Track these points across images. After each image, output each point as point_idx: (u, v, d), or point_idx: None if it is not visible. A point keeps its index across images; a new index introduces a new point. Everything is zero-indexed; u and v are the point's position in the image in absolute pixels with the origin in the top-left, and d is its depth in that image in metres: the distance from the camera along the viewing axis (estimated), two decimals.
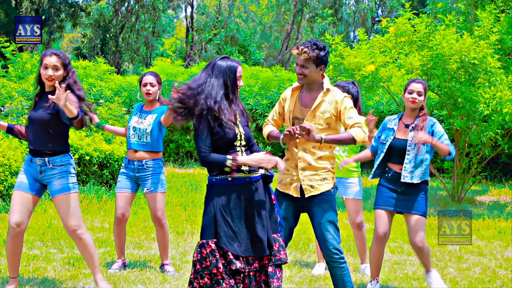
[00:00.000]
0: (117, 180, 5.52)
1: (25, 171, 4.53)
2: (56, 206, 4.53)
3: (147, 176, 5.41)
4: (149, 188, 5.40)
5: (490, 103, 9.22)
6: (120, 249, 5.53)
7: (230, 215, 3.58)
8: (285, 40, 31.71)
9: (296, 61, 4.07)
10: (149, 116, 5.46)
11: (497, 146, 11.88)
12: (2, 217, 7.61)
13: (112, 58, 30.17)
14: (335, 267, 4.08)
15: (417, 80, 4.95)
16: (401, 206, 4.89)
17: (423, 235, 4.85)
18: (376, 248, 4.96)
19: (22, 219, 4.46)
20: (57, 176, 4.47)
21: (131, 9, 31.21)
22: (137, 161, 5.40)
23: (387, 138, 4.97)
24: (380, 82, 9.78)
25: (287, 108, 4.17)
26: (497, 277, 5.68)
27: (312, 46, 3.99)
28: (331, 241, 4.05)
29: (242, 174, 3.63)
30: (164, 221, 5.47)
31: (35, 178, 4.51)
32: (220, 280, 3.51)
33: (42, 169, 4.47)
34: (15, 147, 8.38)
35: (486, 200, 11.20)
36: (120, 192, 5.45)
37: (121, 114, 11.55)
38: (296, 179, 4.10)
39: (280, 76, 16.67)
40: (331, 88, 4.14)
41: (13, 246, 4.53)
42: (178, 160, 16.05)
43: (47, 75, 4.42)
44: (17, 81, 15.06)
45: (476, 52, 9.10)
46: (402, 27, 9.80)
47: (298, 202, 4.13)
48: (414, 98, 4.88)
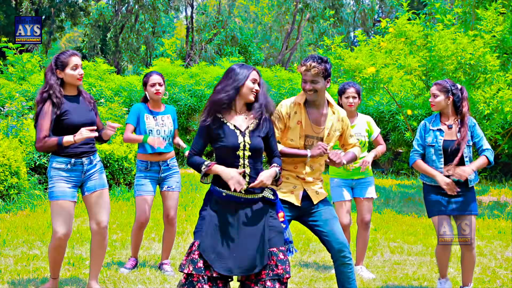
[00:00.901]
0: (138, 183, 5.41)
1: (65, 179, 4.43)
2: (93, 200, 4.51)
3: (172, 175, 5.49)
4: (170, 186, 5.47)
5: (490, 103, 9.22)
6: (137, 249, 5.59)
7: (221, 229, 3.57)
8: (285, 40, 31.71)
9: (305, 78, 4.01)
10: (165, 117, 5.48)
11: (497, 146, 11.88)
12: (2, 217, 7.61)
13: (112, 58, 30.17)
14: (342, 264, 4.06)
15: (435, 83, 4.93)
16: (458, 209, 4.83)
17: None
18: (441, 252, 4.92)
19: (69, 230, 4.46)
20: (98, 171, 4.58)
21: (131, 9, 31.21)
22: (162, 161, 5.42)
23: (436, 139, 4.87)
24: (380, 84, 9.79)
25: (294, 124, 4.07)
26: (497, 277, 5.68)
27: (318, 60, 3.98)
28: (341, 236, 4.04)
29: (236, 193, 3.60)
30: (175, 221, 5.54)
31: (76, 184, 4.49)
32: (194, 282, 3.49)
33: (87, 168, 4.50)
34: (15, 147, 8.38)
35: (486, 200, 11.20)
36: (146, 195, 5.39)
37: (121, 114, 11.55)
38: (298, 187, 4.09)
39: (280, 76, 16.67)
40: (330, 102, 4.17)
41: (59, 254, 4.56)
42: (178, 160, 16.06)
43: (79, 75, 4.47)
44: (17, 82, 15.06)
45: (472, 53, 9.10)
46: (401, 28, 9.81)
47: (296, 210, 4.10)
48: (431, 101, 4.94)
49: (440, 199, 4.85)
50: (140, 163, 5.42)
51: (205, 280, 3.48)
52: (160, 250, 6.31)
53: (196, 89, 15.95)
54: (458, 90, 4.91)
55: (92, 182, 4.52)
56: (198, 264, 3.51)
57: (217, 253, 3.52)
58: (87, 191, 4.52)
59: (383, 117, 14.96)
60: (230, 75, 3.68)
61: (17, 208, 8.04)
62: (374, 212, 9.40)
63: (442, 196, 4.85)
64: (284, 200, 4.06)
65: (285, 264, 3.60)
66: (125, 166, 9.95)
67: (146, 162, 5.40)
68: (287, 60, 31.51)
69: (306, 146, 4.08)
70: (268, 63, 31.45)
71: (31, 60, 15.64)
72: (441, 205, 4.84)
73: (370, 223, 5.70)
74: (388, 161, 15.58)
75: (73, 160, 4.43)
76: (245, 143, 3.61)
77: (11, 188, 8.07)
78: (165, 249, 5.56)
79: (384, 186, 12.74)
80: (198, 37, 30.82)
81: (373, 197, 5.68)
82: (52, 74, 4.44)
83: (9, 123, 9.55)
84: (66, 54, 4.49)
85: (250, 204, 3.63)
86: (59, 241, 4.43)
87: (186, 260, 3.56)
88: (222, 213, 3.60)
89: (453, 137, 4.84)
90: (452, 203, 4.83)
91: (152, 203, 5.48)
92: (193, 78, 16.55)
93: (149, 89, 5.45)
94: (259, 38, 34.10)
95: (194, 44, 30.40)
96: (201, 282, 3.48)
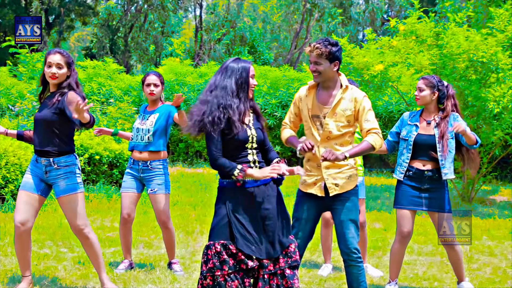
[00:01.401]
0: (123, 180, 5.53)
1: (30, 171, 4.53)
2: (61, 206, 4.53)
3: (152, 177, 5.39)
4: (152, 189, 5.38)
5: (500, 101, 9.17)
6: (127, 249, 5.53)
7: (243, 217, 3.57)
8: (294, 39, 31.69)
9: (310, 59, 4.05)
10: (151, 116, 5.44)
11: (507, 146, 11.82)
12: (13, 216, 7.64)
13: (121, 57, 30.25)
14: (352, 266, 4.06)
15: (421, 77, 4.97)
16: (427, 204, 4.84)
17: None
18: (399, 248, 4.92)
19: (27, 218, 4.47)
20: (62, 177, 4.47)
21: (140, 8, 31.28)
22: (142, 162, 5.38)
23: (409, 134, 4.91)
24: (389, 82, 9.76)
25: (304, 106, 4.13)
26: (508, 277, 5.66)
27: (324, 42, 3.99)
28: (351, 240, 4.03)
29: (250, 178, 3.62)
30: (169, 223, 5.44)
31: (41, 178, 4.52)
32: (222, 282, 3.49)
33: (47, 169, 4.46)
34: (26, 146, 8.42)
35: (496, 200, 11.15)
36: (126, 192, 5.44)
37: (130, 113, 11.59)
38: (320, 178, 4.08)
39: (288, 75, 16.66)
40: (350, 85, 4.12)
41: (20, 245, 4.56)
42: (188, 160, 16.08)
43: (50, 73, 4.43)
44: (28, 81, 15.14)
45: (484, 51, 9.05)
46: (411, 26, 9.78)
47: (322, 202, 4.11)
48: (416, 95, 4.95)
49: (411, 192, 4.85)
50: (129, 159, 5.55)
51: (232, 278, 3.50)
52: None
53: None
54: (444, 87, 4.94)
55: (56, 188, 4.51)
56: (231, 263, 3.51)
57: (253, 243, 3.54)
58: (56, 195, 4.55)
59: (393, 116, 14.91)
60: (231, 74, 3.64)
61: None
62: (383, 212, 9.39)
63: (411, 189, 4.86)
64: (308, 193, 4.11)
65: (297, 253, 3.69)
66: None
67: (131, 159, 5.49)
68: (296, 59, 31.48)
69: (315, 126, 4.08)
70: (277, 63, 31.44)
71: (41, 60, 15.72)
72: (409, 198, 4.84)
73: (365, 223, 5.66)
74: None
75: (36, 157, 4.52)
76: (253, 136, 3.66)
77: None
78: (168, 249, 5.56)
79: (393, 185, 12.70)
80: (207, 36, 30.85)
81: (361, 198, 5.58)
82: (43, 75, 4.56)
83: (20, 122, 9.60)
84: (50, 51, 4.52)
85: (265, 186, 3.65)
86: (17, 229, 4.49)
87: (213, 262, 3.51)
88: (240, 205, 3.59)
89: (430, 131, 4.86)
90: (422, 198, 4.84)
91: (136, 200, 5.45)
92: (202, 78, 16.57)
93: (145, 88, 5.49)
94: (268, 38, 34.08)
95: (203, 44, 30.43)
96: (229, 281, 3.49)
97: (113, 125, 10.93)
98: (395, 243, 4.95)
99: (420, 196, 4.85)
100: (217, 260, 3.50)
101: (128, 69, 29.27)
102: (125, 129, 10.67)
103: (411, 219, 4.88)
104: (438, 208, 4.84)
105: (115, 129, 5.74)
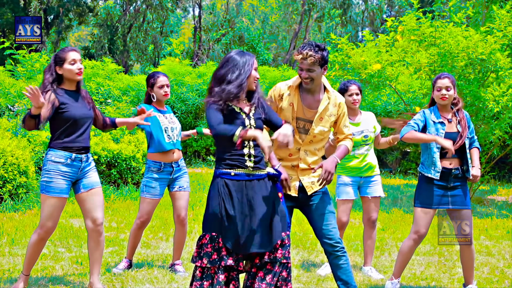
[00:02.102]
0: (148, 184, 5.34)
1: (63, 175, 4.43)
2: (88, 198, 4.52)
3: (182, 175, 5.48)
4: (182, 186, 5.45)
5: (500, 101, 9.18)
6: (133, 250, 5.54)
7: (232, 210, 3.60)
8: (293, 39, 31.69)
9: (301, 66, 4.00)
10: (172, 115, 5.49)
11: (505, 146, 11.83)
12: (11, 216, 7.65)
13: (120, 57, 30.24)
14: (337, 257, 4.07)
15: (443, 75, 4.89)
16: (452, 202, 4.82)
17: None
18: (411, 247, 4.88)
19: (55, 225, 4.52)
20: (93, 169, 4.60)
21: (138, 8, 31.27)
22: (175, 162, 5.40)
23: (438, 133, 4.83)
24: (386, 81, 9.76)
25: (288, 107, 4.08)
26: (506, 277, 5.66)
27: (315, 48, 3.95)
28: (334, 231, 4.06)
29: (245, 170, 3.66)
30: (186, 220, 5.52)
31: (71, 180, 4.49)
32: (212, 274, 3.55)
33: (84, 165, 4.52)
34: (24, 146, 8.42)
35: (494, 200, 11.16)
36: (154, 198, 5.36)
37: (129, 113, 11.58)
38: (295, 178, 4.10)
39: (287, 75, 16.66)
40: (330, 89, 4.14)
41: (41, 249, 4.58)
42: (186, 160, 16.08)
43: (77, 69, 4.51)
44: (26, 81, 15.13)
45: (483, 48, 9.06)
46: (409, 26, 9.78)
47: (295, 200, 4.12)
48: (443, 94, 4.84)
49: (438, 192, 4.82)
50: (153, 164, 5.33)
51: (221, 270, 3.55)
52: (167, 249, 6.33)
53: (204, 89, 15.97)
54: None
55: (87, 180, 4.54)
56: (212, 257, 3.56)
57: (236, 237, 3.56)
58: (83, 188, 4.52)
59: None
60: (234, 65, 3.68)
61: (25, 207, 8.08)
62: (382, 212, 9.38)
63: (439, 189, 4.82)
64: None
65: (286, 250, 3.68)
66: (133, 165, 9.97)
67: (159, 163, 5.32)
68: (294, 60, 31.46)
69: (298, 129, 4.08)
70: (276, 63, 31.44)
71: (39, 60, 15.71)
72: (437, 198, 4.81)
73: (376, 222, 5.68)
74: (396, 161, 15.55)
75: (73, 155, 4.45)
76: (251, 125, 3.69)
77: (19, 187, 8.11)
78: (176, 249, 5.55)
79: (392, 185, 12.71)
80: (206, 36, 30.85)
81: (380, 196, 5.67)
82: (50, 74, 4.50)
83: (18, 122, 9.60)
84: (64, 50, 4.54)
85: (258, 182, 3.67)
86: (46, 234, 4.47)
87: (198, 252, 3.60)
88: (231, 196, 3.62)
89: (453, 129, 4.86)
90: (449, 196, 4.82)
91: (156, 206, 5.48)
92: (201, 78, 16.57)
93: (158, 90, 5.41)
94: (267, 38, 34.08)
95: (202, 44, 30.43)
96: (218, 274, 3.55)
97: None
98: (408, 241, 4.88)
99: (447, 194, 4.82)
100: (201, 251, 3.58)
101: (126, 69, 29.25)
102: (124, 129, 10.66)
103: (431, 219, 4.86)
104: (462, 205, 4.83)
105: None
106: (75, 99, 4.53)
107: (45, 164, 4.46)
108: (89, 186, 4.54)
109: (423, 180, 4.87)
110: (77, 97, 4.57)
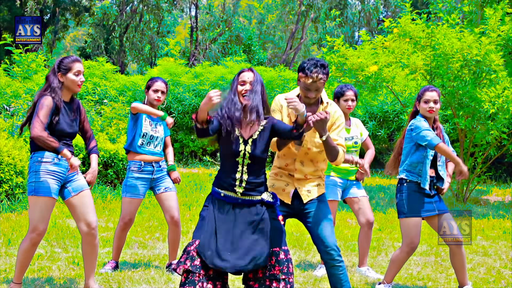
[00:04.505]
0: (128, 184, 5.37)
1: (52, 175, 4.39)
2: (80, 201, 4.47)
3: (165, 176, 5.47)
4: (168, 187, 5.44)
5: (496, 102, 9.20)
6: (119, 251, 5.53)
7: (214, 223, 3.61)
8: (289, 40, 31.70)
9: (309, 87, 3.93)
10: (158, 124, 5.48)
11: (502, 146, 11.86)
12: (7, 217, 7.63)
13: (117, 57, 30.20)
14: (334, 266, 4.04)
15: (431, 88, 4.89)
16: (438, 208, 4.85)
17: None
18: (404, 258, 4.89)
19: (47, 227, 4.45)
20: (79, 172, 4.54)
21: (135, 8, 31.24)
22: (155, 162, 5.41)
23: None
24: (383, 82, 9.78)
25: (286, 119, 4.06)
26: (502, 277, 5.67)
27: (321, 68, 3.90)
28: (330, 239, 4.02)
29: (233, 194, 3.64)
30: (180, 220, 5.52)
31: (60, 180, 4.44)
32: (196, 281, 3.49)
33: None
34: (20, 146, 8.40)
35: (491, 200, 11.18)
36: (134, 198, 5.38)
37: (125, 113, 11.57)
38: (290, 185, 4.08)
39: (284, 76, 16.65)
40: (329, 101, 4.13)
41: (32, 254, 4.51)
42: (183, 160, 16.07)
43: (80, 81, 4.48)
44: (22, 81, 15.11)
45: (478, 49, 9.09)
46: (405, 27, 9.80)
47: (289, 208, 4.09)
48: (431, 107, 4.83)
49: (425, 200, 4.83)
50: (133, 164, 5.38)
51: (204, 278, 3.50)
52: (164, 249, 6.33)
53: (200, 89, 15.96)
54: None
55: (76, 183, 4.49)
56: (195, 262, 3.54)
57: (213, 250, 3.54)
58: (73, 191, 4.46)
59: (388, 117, 14.94)
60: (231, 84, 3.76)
61: (22, 208, 8.06)
62: (378, 212, 9.40)
63: (425, 197, 4.83)
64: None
65: (283, 265, 3.60)
66: None
67: (139, 162, 5.37)
68: (291, 60, 31.49)
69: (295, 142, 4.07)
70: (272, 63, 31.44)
71: (36, 60, 15.68)
72: (426, 206, 4.82)
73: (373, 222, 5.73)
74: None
75: (55, 156, 4.38)
76: (245, 151, 3.64)
77: (16, 188, 8.09)
78: (172, 249, 5.55)
79: (388, 186, 12.72)
80: (203, 36, 30.83)
81: (368, 196, 5.75)
82: (55, 77, 4.43)
83: (15, 122, 9.58)
84: (70, 58, 4.47)
85: (248, 205, 3.65)
86: (38, 237, 4.39)
87: (183, 257, 3.58)
88: (220, 212, 3.64)
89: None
90: (433, 203, 4.85)
91: (139, 205, 5.47)
92: (197, 78, 16.55)
93: (151, 94, 5.41)
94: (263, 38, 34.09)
95: (199, 44, 30.42)
96: (202, 281, 3.50)
97: (108, 125, 10.90)
98: (401, 253, 4.88)
99: (431, 201, 4.85)
100: (186, 255, 3.56)
101: (123, 69, 29.22)
102: (120, 129, 10.66)
103: (420, 228, 4.88)
104: (444, 208, 4.88)
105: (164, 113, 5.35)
106: (67, 112, 4.47)
107: (31, 166, 4.38)
108: (79, 189, 4.48)
109: (412, 189, 4.84)
110: (70, 110, 4.50)
